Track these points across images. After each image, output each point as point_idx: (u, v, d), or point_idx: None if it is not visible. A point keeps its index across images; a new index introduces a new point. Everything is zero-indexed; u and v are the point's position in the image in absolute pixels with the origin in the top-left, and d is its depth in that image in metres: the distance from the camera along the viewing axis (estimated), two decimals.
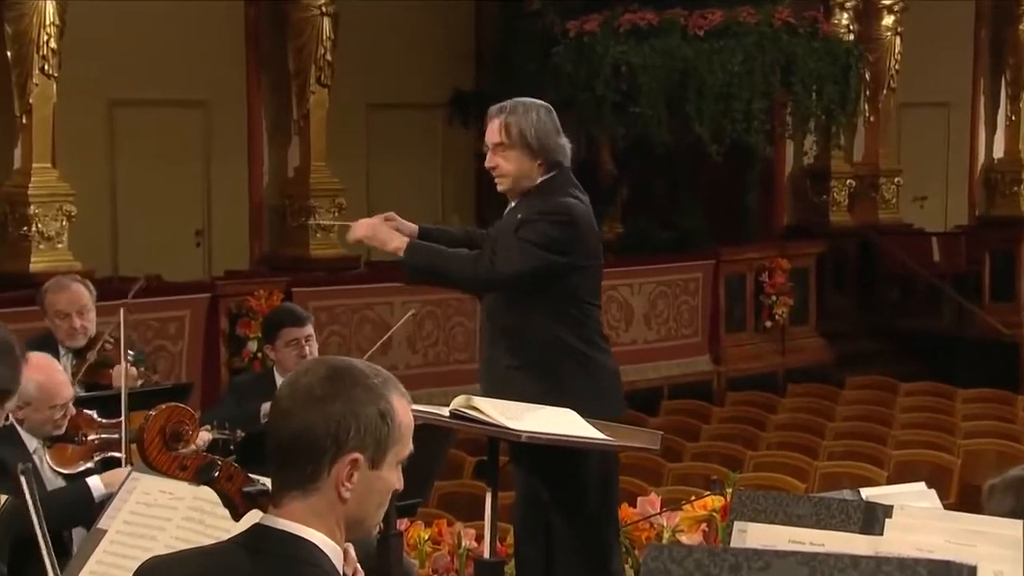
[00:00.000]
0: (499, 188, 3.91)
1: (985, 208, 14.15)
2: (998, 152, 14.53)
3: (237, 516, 2.02)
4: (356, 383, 1.86)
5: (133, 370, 4.49)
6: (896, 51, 12.65)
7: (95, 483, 3.58)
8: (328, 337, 8.41)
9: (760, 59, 10.42)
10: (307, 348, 4.61)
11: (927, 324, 11.89)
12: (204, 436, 4.08)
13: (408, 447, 1.91)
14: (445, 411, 3.27)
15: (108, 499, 3.40)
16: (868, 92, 12.39)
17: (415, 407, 3.31)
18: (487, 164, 3.89)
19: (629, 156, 11.84)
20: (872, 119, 12.72)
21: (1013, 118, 13.70)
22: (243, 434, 4.20)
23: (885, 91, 12.68)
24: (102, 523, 2.84)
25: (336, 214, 9.82)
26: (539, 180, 3.86)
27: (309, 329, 4.65)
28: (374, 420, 1.85)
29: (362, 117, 11.15)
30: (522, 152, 3.81)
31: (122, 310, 4.26)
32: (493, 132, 3.88)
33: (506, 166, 3.84)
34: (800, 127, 11.34)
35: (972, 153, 14.49)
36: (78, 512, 3.46)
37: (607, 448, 3.43)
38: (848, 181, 12.71)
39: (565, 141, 3.89)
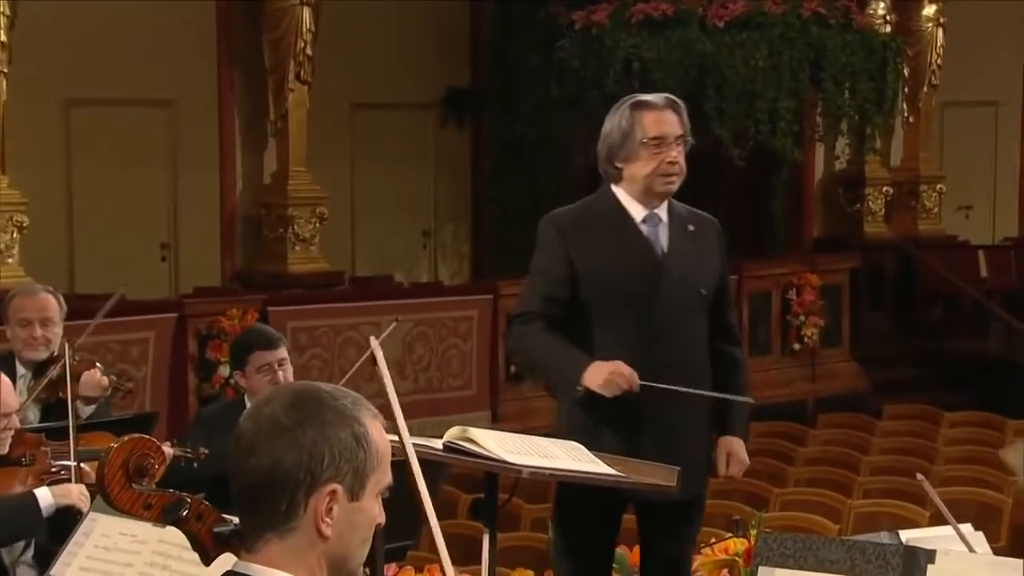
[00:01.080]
0: (669, 190, 3.80)
1: None
2: None
3: (208, 560, 2.01)
4: (324, 407, 1.86)
5: (104, 379, 4.49)
6: (938, 44, 12.67)
7: (43, 493, 3.59)
8: (308, 361, 8.40)
9: (787, 53, 10.44)
10: (280, 373, 4.59)
11: (973, 347, 11.89)
12: (165, 451, 4.09)
13: (388, 474, 1.90)
14: (438, 443, 3.27)
15: (57, 513, 3.39)
16: (907, 90, 12.41)
17: (406, 439, 3.31)
18: (674, 158, 3.76)
19: None
20: (911, 120, 12.74)
21: None
22: (206, 451, 4.19)
23: (926, 88, 12.70)
24: (55, 570, 2.84)
25: None
26: None
27: (282, 352, 4.64)
28: (349, 445, 1.84)
29: (346, 117, 11.17)
30: (684, 150, 3.83)
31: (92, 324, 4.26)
32: (676, 123, 3.80)
33: (683, 164, 3.83)
34: (831, 128, 11.36)
35: (1023, 156, 14.51)
36: (23, 523, 3.45)
37: (619, 485, 3.43)
38: (885, 188, 12.73)
39: None
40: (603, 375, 3.65)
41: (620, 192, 3.83)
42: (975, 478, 7.01)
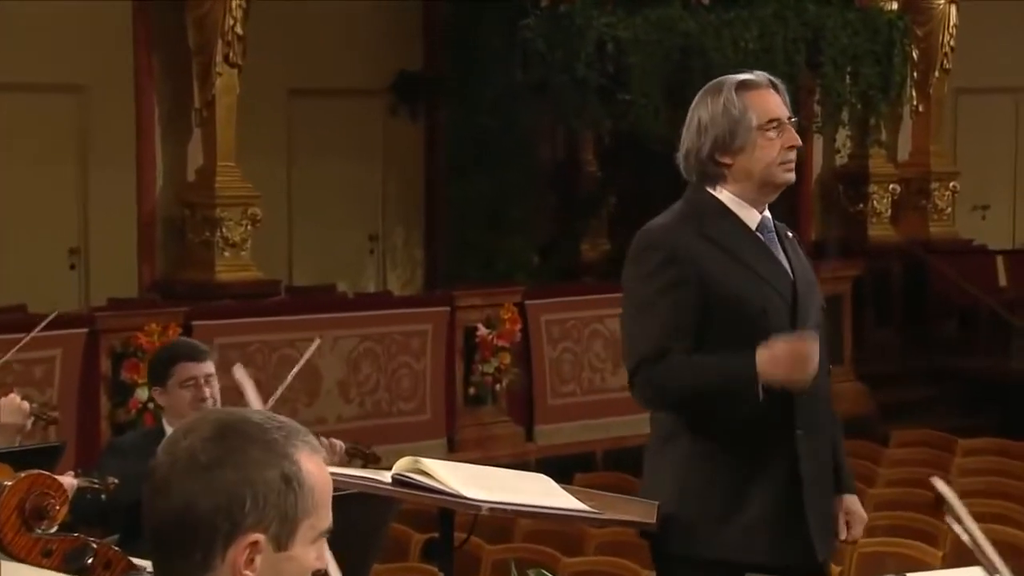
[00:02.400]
0: (790, 178, 3.65)
1: None
2: None
3: None
4: (251, 441, 1.83)
5: (25, 404, 4.44)
6: (951, 23, 12.76)
7: None
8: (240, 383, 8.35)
9: (781, 34, 10.50)
10: (207, 390, 4.56)
11: (992, 365, 11.96)
12: (67, 482, 4.03)
13: (327, 517, 1.88)
14: (386, 476, 3.25)
15: None
16: (916, 75, 12.50)
17: (348, 471, 3.29)
18: (794, 142, 3.63)
19: (618, 155, 11.87)
20: (921, 108, 12.82)
21: None
22: (115, 482, 4.13)
23: (937, 73, 12.78)
24: None
25: None
26: None
27: (210, 367, 4.60)
28: (276, 488, 1.82)
29: (282, 105, 11.13)
30: None
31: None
32: (783, 102, 3.68)
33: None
34: (831, 119, 11.42)
35: None
36: None
37: (591, 523, 3.42)
38: (891, 186, 12.80)
39: None
40: (784, 359, 3.40)
41: (725, 195, 3.60)
42: (995, 514, 7.04)
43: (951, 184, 13.12)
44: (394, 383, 9.16)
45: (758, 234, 3.59)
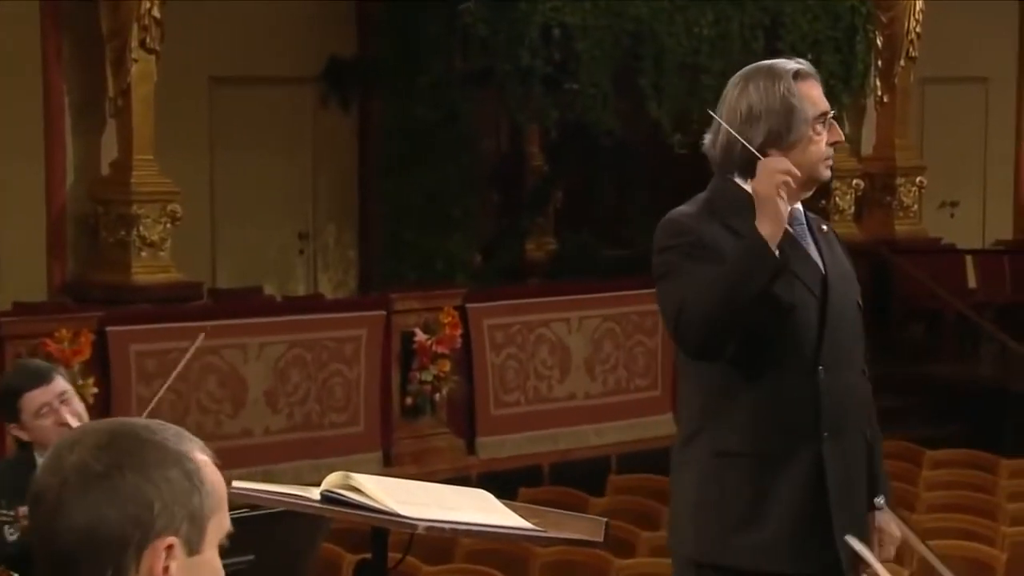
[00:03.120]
0: (828, 176, 3.72)
1: None
2: None
3: None
4: (143, 443, 1.83)
5: None
6: (917, 9, 12.87)
7: None
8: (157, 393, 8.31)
9: (737, 19, 10.56)
10: (65, 410, 4.49)
11: (961, 372, 12.07)
12: None
13: (227, 519, 1.88)
14: (315, 492, 3.24)
15: None
16: (880, 63, 12.60)
17: (273, 488, 3.28)
18: (838, 137, 3.69)
19: (565, 148, 11.90)
20: (886, 99, 12.92)
21: None
22: (26, 511, 4.08)
23: (902, 62, 12.89)
24: None
25: None
26: None
27: (59, 384, 4.53)
28: (182, 486, 1.82)
29: (204, 94, 11.08)
30: None
31: None
32: (823, 95, 3.70)
33: None
34: None
35: (1018, 143, 14.78)
36: None
37: (536, 541, 3.42)
38: (855, 182, 12.89)
39: None
40: (762, 189, 3.45)
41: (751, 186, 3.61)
42: (963, 529, 7.11)
43: (918, 179, 13.22)
44: (325, 393, 9.13)
45: (788, 227, 3.58)
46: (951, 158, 13.86)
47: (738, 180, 3.66)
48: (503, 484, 6.61)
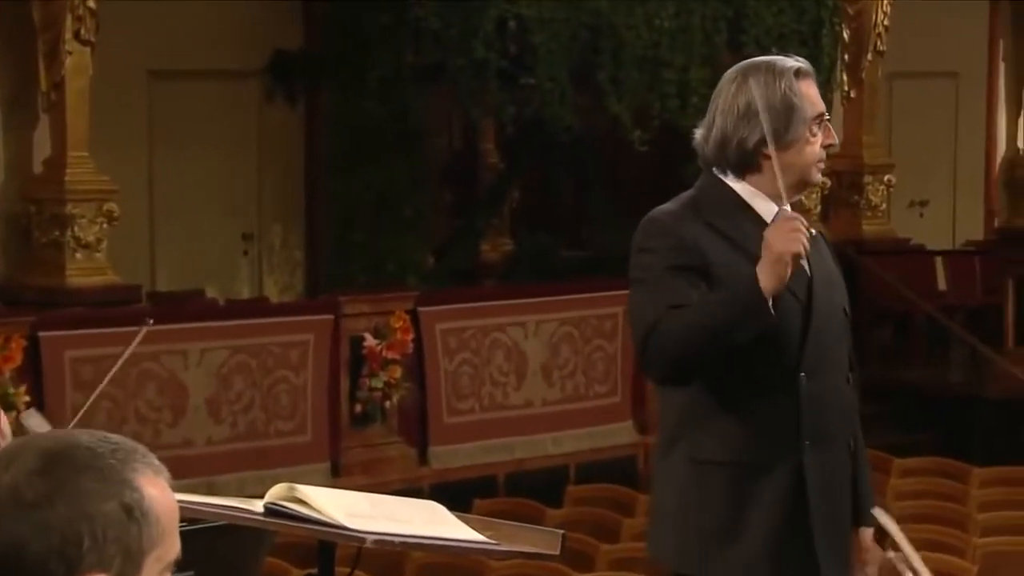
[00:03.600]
0: (820, 180, 3.79)
1: (1008, 217, 14.53)
2: (1023, 141, 14.94)
3: None
4: (82, 470, 1.80)
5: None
6: (885, 2, 12.94)
7: None
8: (96, 401, 8.26)
9: (699, 12, 10.59)
10: None
11: (930, 377, 12.14)
12: None
13: (175, 545, 1.86)
14: (259, 505, 3.23)
15: None
16: (847, 57, 12.66)
17: (213, 500, 3.26)
18: (833, 140, 3.70)
19: (521, 145, 11.91)
20: (853, 95, 12.98)
21: None
22: None
23: (870, 56, 12.96)
24: None
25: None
26: None
27: None
28: (117, 520, 1.79)
29: (143, 89, 11.04)
30: None
31: None
32: (820, 96, 3.72)
33: None
34: None
35: (989, 141, 14.88)
36: None
37: (490, 555, 3.42)
38: (821, 180, 12.95)
39: None
40: (773, 257, 3.41)
41: (743, 188, 3.66)
42: (933, 540, 7.15)
43: (886, 178, 13.29)
44: (271, 400, 9.10)
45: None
46: (920, 156, 13.94)
47: (729, 179, 3.67)
48: (457, 495, 6.61)
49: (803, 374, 3.58)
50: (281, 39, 11.58)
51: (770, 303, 3.45)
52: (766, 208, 3.65)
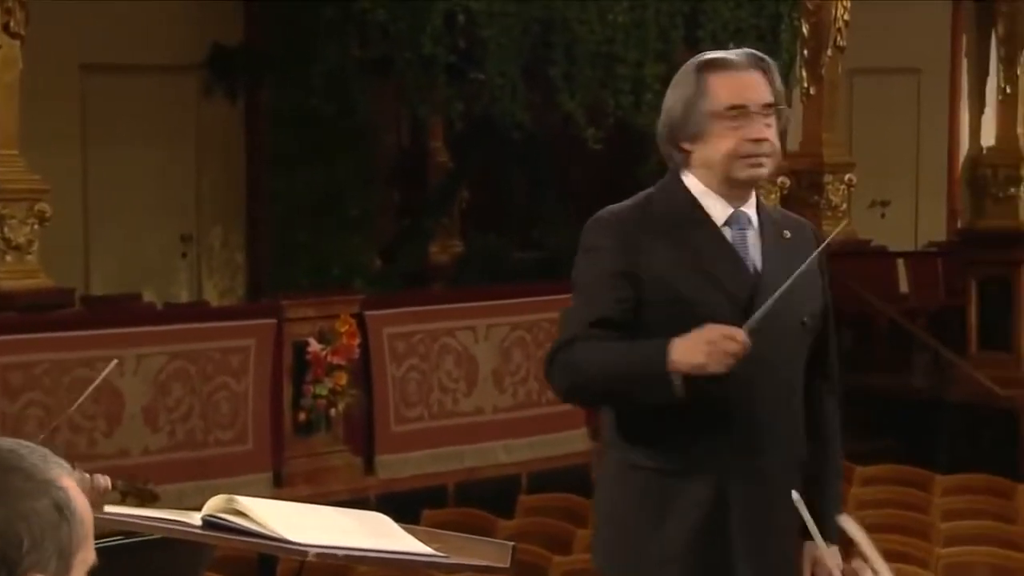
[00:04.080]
0: (755, 175, 3.69)
1: (971, 218, 14.61)
2: (988, 138, 15.02)
3: None
4: (10, 470, 1.82)
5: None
6: None
7: None
8: (25, 409, 8.23)
9: (653, 6, 10.61)
10: None
11: (892, 382, 12.21)
12: None
13: (92, 548, 1.88)
14: (196, 517, 3.21)
15: None
16: (806, 53, 12.73)
17: (148, 513, 3.24)
18: (759, 133, 3.66)
19: (470, 143, 11.91)
20: (812, 91, 13.05)
21: (1009, 90, 14.13)
22: None
23: (830, 51, 13.03)
24: None
25: None
26: None
27: None
28: (50, 519, 1.81)
29: (75, 83, 10.99)
30: (778, 124, 3.70)
31: None
32: (761, 86, 3.68)
33: (774, 139, 3.69)
34: None
35: (952, 139, 14.99)
36: None
37: (437, 568, 3.41)
38: (779, 180, 13.00)
39: None
40: (702, 347, 3.46)
41: (693, 183, 3.72)
42: (895, 551, 7.18)
43: (846, 177, 13.36)
44: (210, 408, 9.06)
45: (725, 229, 3.67)
46: (881, 154, 14.03)
47: (684, 175, 3.72)
48: (404, 506, 6.59)
49: (734, 387, 3.59)
50: (220, 32, 11.55)
51: (679, 383, 3.49)
52: (716, 208, 3.70)
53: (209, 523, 3.17)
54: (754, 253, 3.73)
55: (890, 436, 11.39)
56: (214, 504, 3.18)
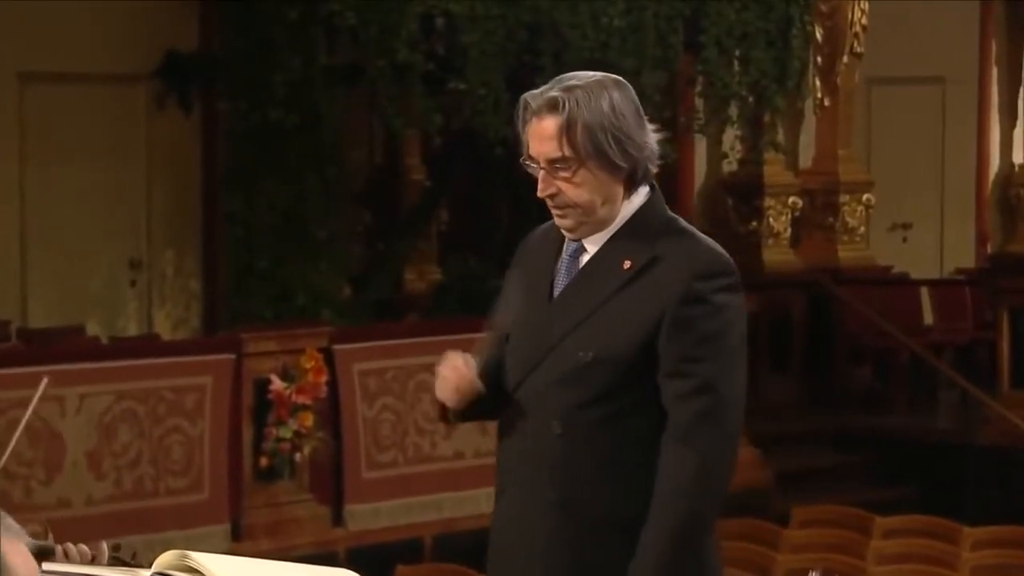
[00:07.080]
0: (565, 226, 3.81)
1: (1002, 242, 14.63)
2: (1020, 155, 15.07)
3: None
4: None
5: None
6: None
7: None
8: None
9: (652, 9, 10.64)
10: None
11: (915, 424, 12.20)
12: None
13: None
14: (145, 575, 3.21)
15: None
16: (820, 60, 12.76)
17: (93, 571, 3.23)
18: (540, 192, 3.77)
19: (450, 159, 11.91)
20: (827, 102, 13.08)
21: None
22: None
23: (846, 59, 13.06)
24: None
25: None
26: (631, 209, 3.85)
27: None
28: None
29: (13, 94, 10.98)
30: (599, 167, 3.74)
31: None
32: (546, 138, 3.75)
33: (573, 193, 3.75)
34: (716, 114, 11.59)
35: (981, 156, 15.00)
36: None
37: None
38: (791, 200, 13.03)
39: (652, 136, 3.81)
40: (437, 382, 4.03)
41: None
42: None
43: (864, 197, 13.38)
44: (161, 453, 9.05)
45: (563, 258, 3.87)
46: (903, 172, 14.03)
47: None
48: (377, 560, 6.59)
49: (506, 417, 3.93)
50: (173, 37, 11.55)
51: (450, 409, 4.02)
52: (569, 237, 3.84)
53: None
54: (563, 282, 3.87)
55: (912, 483, 11.38)
56: (165, 560, 3.18)
